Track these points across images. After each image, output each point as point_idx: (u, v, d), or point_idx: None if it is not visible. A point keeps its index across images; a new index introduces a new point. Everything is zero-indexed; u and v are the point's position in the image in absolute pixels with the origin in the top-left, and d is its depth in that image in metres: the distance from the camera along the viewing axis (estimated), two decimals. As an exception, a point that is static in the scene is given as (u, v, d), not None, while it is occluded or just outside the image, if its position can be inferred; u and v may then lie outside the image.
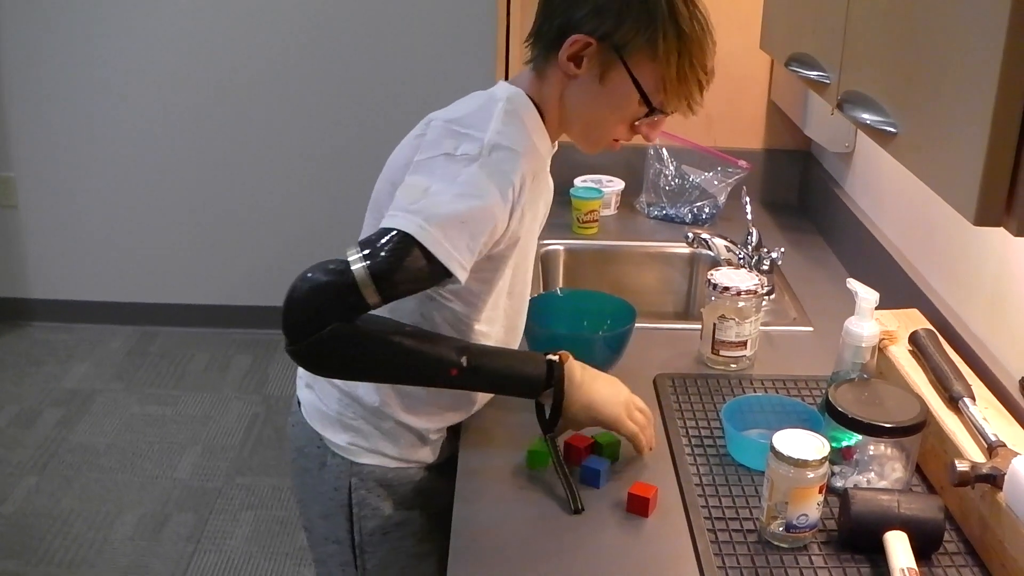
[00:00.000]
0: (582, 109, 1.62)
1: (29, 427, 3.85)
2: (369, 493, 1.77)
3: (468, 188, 1.50)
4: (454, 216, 1.48)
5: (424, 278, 1.50)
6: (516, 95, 1.62)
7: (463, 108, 1.62)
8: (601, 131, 1.65)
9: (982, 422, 1.56)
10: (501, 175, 1.52)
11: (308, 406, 1.81)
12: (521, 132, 1.58)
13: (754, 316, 2.00)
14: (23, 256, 4.58)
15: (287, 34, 4.20)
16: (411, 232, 1.46)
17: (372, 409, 1.72)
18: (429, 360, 1.57)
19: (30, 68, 4.29)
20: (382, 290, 1.46)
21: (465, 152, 1.53)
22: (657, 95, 1.58)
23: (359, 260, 1.46)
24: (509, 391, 1.67)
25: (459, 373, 1.57)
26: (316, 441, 1.78)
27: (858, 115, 1.44)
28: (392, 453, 1.76)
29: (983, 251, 1.87)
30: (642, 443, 1.68)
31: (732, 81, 2.93)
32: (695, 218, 2.81)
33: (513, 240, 1.61)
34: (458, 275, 1.49)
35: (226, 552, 3.23)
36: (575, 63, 1.57)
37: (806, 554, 1.50)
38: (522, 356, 1.68)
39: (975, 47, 1.10)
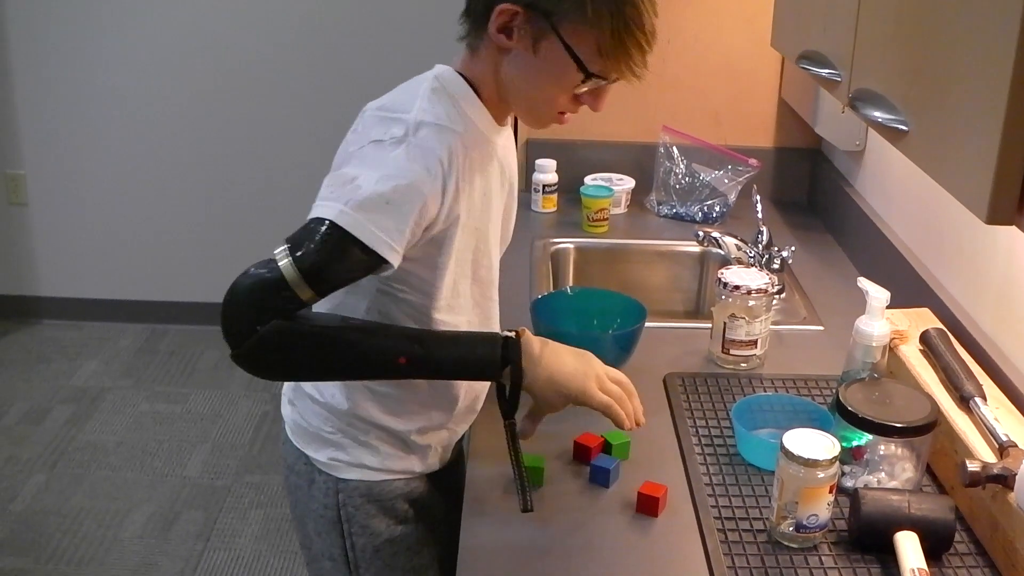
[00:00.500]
0: (520, 82, 1.55)
1: (38, 425, 3.86)
2: (357, 510, 1.72)
3: (392, 169, 1.45)
4: (377, 197, 1.42)
5: (355, 265, 1.44)
6: (443, 72, 1.57)
7: (392, 94, 1.58)
8: (543, 105, 1.57)
9: (993, 422, 1.55)
10: (427, 152, 1.47)
11: (291, 423, 1.77)
12: (449, 108, 1.53)
13: (764, 315, 2.00)
14: (33, 254, 4.58)
15: (295, 32, 4.20)
16: (333, 218, 1.41)
17: (346, 416, 1.67)
18: (375, 350, 1.50)
19: (40, 67, 4.29)
20: (313, 283, 1.42)
21: (392, 135, 1.48)
22: (594, 62, 1.49)
23: (285, 255, 1.42)
24: (468, 375, 1.59)
25: (409, 361, 1.50)
26: (303, 459, 1.74)
27: (869, 113, 1.44)
28: (375, 464, 1.70)
29: (994, 250, 1.86)
30: (619, 415, 1.57)
31: (742, 79, 2.92)
32: (705, 216, 2.80)
33: (452, 218, 1.53)
34: (389, 257, 1.44)
35: (235, 550, 3.23)
36: (506, 35, 1.50)
37: (816, 554, 1.49)
38: (476, 337, 1.59)
39: (987, 44, 1.09)
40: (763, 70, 2.92)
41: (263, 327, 1.43)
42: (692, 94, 2.94)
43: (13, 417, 3.91)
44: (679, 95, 2.94)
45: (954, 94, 1.18)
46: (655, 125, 2.92)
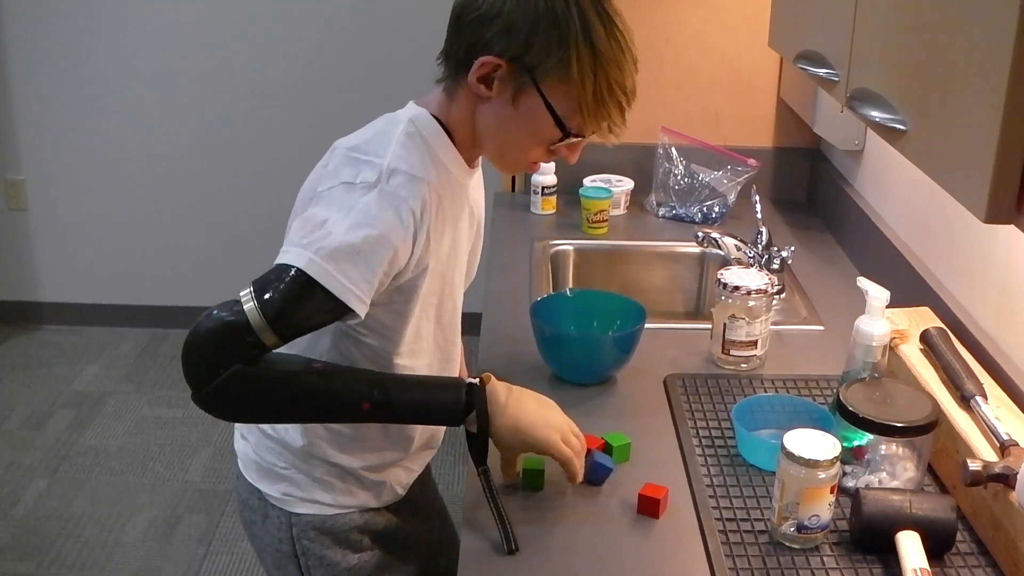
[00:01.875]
0: (495, 132, 1.54)
1: (40, 430, 3.86)
2: (312, 542, 1.70)
3: (363, 217, 1.42)
4: (347, 247, 1.40)
5: (321, 314, 1.43)
6: (419, 116, 1.55)
7: (365, 133, 1.56)
8: (517, 154, 1.56)
9: (994, 421, 1.55)
10: (398, 200, 1.44)
11: (243, 458, 1.76)
12: (423, 155, 1.51)
13: (764, 315, 1.99)
14: (33, 259, 4.59)
15: (297, 37, 4.20)
16: (302, 267, 1.39)
17: (300, 452, 1.66)
18: (338, 395, 1.48)
19: (39, 72, 4.30)
20: (278, 330, 1.40)
21: (364, 180, 1.45)
22: (573, 118, 1.48)
23: (250, 300, 1.40)
24: (431, 421, 1.58)
25: (372, 407, 1.48)
26: (256, 494, 1.73)
27: (867, 112, 1.43)
28: (327, 500, 1.69)
29: (994, 249, 1.86)
30: (576, 469, 1.57)
31: (741, 79, 2.92)
32: (705, 217, 2.80)
33: (421, 268, 1.51)
34: (355, 308, 1.42)
35: (238, 554, 3.23)
36: (486, 85, 1.48)
37: (818, 555, 1.49)
38: (440, 382, 1.56)
39: (985, 42, 1.09)
40: (762, 70, 2.92)
41: (225, 371, 1.41)
42: (691, 94, 2.94)
43: (14, 422, 3.91)
44: (678, 96, 2.94)
45: (952, 93, 1.18)
46: (654, 126, 2.92)
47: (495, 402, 1.53)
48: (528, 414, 1.55)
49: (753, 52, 2.88)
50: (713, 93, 2.94)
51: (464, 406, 1.51)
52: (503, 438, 1.55)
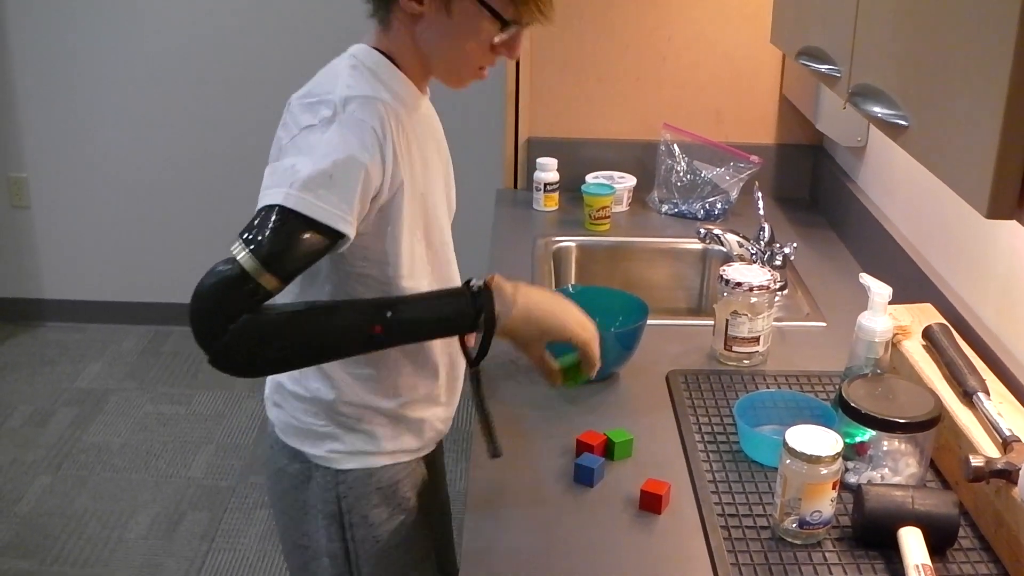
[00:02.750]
0: (438, 45, 1.58)
1: (43, 427, 3.86)
2: (358, 500, 1.72)
3: (329, 147, 1.46)
4: (319, 174, 1.43)
5: (313, 245, 1.44)
6: (360, 50, 1.60)
7: (314, 80, 1.61)
8: (463, 63, 1.60)
9: (996, 417, 1.55)
10: (359, 124, 1.49)
11: (281, 425, 1.76)
12: (371, 81, 1.55)
13: (767, 312, 1.99)
14: (36, 256, 4.59)
15: (300, 37, 4.20)
16: (281, 203, 1.42)
17: (334, 405, 1.68)
18: (348, 325, 1.50)
19: (42, 70, 4.30)
20: (276, 270, 1.42)
21: (323, 116, 1.50)
22: (507, 9, 1.53)
23: (242, 249, 1.41)
24: (444, 332, 1.60)
25: (383, 329, 1.50)
26: (299, 458, 1.74)
27: (869, 108, 1.44)
28: (372, 449, 1.71)
29: (997, 245, 1.86)
30: (595, 354, 1.62)
31: (743, 76, 2.92)
32: (707, 214, 2.80)
33: (397, 184, 1.54)
34: (343, 229, 1.44)
35: (240, 550, 3.23)
36: (416, 2, 1.53)
37: (820, 550, 1.49)
38: (446, 291, 1.61)
39: (986, 38, 1.09)
40: (764, 67, 2.92)
41: (234, 324, 1.42)
42: (693, 91, 2.94)
43: (17, 419, 3.91)
44: (680, 92, 2.94)
45: (954, 89, 1.18)
46: (656, 123, 2.92)
47: (503, 298, 1.55)
48: (538, 302, 1.59)
49: (755, 49, 2.88)
50: (715, 90, 2.94)
51: (473, 307, 1.54)
52: (518, 330, 1.57)
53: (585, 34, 2.88)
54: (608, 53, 2.90)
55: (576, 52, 2.91)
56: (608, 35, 2.88)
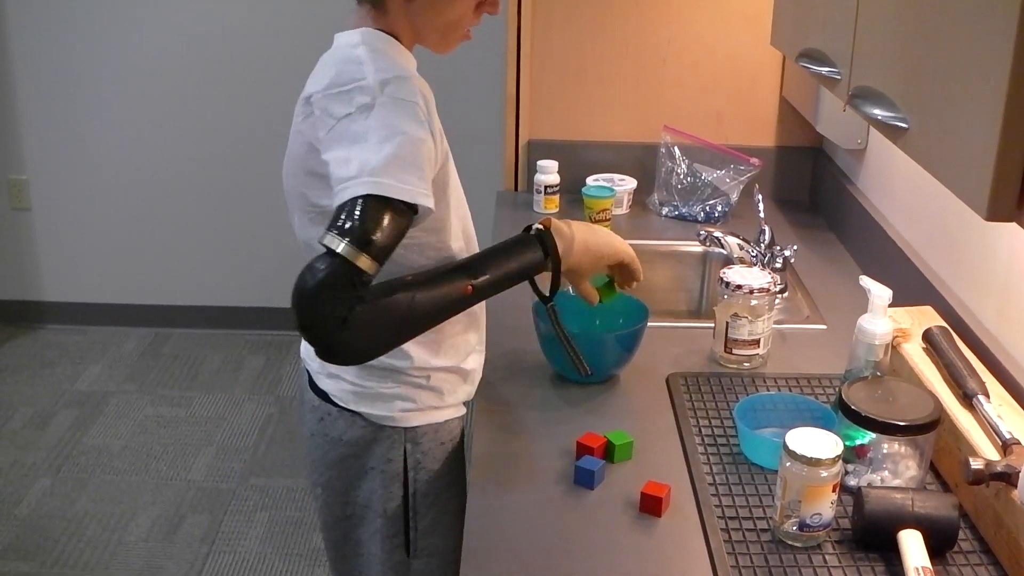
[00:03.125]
0: (434, 19, 1.65)
1: (43, 429, 3.86)
2: (425, 455, 1.80)
3: (384, 131, 1.50)
4: (391, 158, 1.47)
5: (400, 223, 1.48)
6: (366, 34, 1.64)
7: (329, 72, 1.61)
8: (454, 28, 1.68)
9: (996, 420, 1.55)
10: (403, 103, 1.53)
11: (340, 392, 1.79)
12: (393, 60, 1.60)
13: (767, 314, 2.00)
14: (36, 258, 4.59)
15: (300, 34, 4.20)
16: (367, 192, 1.45)
17: (405, 370, 1.75)
18: (446, 293, 1.57)
19: (42, 72, 4.30)
20: (372, 253, 1.44)
21: (360, 103, 1.52)
22: None
23: (338, 241, 1.43)
24: (522, 279, 1.69)
25: (474, 289, 1.59)
26: (357, 422, 1.78)
27: (869, 111, 1.44)
28: (437, 404, 1.79)
29: (997, 247, 1.86)
30: (639, 268, 1.81)
31: (743, 78, 2.92)
32: (707, 216, 2.80)
33: (444, 153, 1.63)
34: (428, 204, 1.50)
35: (240, 553, 3.23)
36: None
37: (820, 553, 1.49)
38: (514, 242, 1.69)
39: (986, 40, 1.09)
40: (764, 69, 2.92)
41: (349, 314, 1.44)
42: (693, 94, 2.94)
43: (18, 422, 3.91)
44: (680, 95, 2.94)
45: (953, 91, 1.18)
46: (656, 125, 2.92)
47: (563, 237, 1.70)
48: (590, 235, 1.75)
49: (755, 51, 2.88)
50: (715, 92, 2.94)
51: (543, 252, 1.68)
52: (578, 263, 1.72)
53: (585, 37, 2.88)
54: (608, 55, 2.90)
55: (577, 54, 2.91)
56: (608, 37, 2.88)
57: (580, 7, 2.86)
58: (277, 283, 4.44)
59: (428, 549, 1.86)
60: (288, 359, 4.35)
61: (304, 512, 3.42)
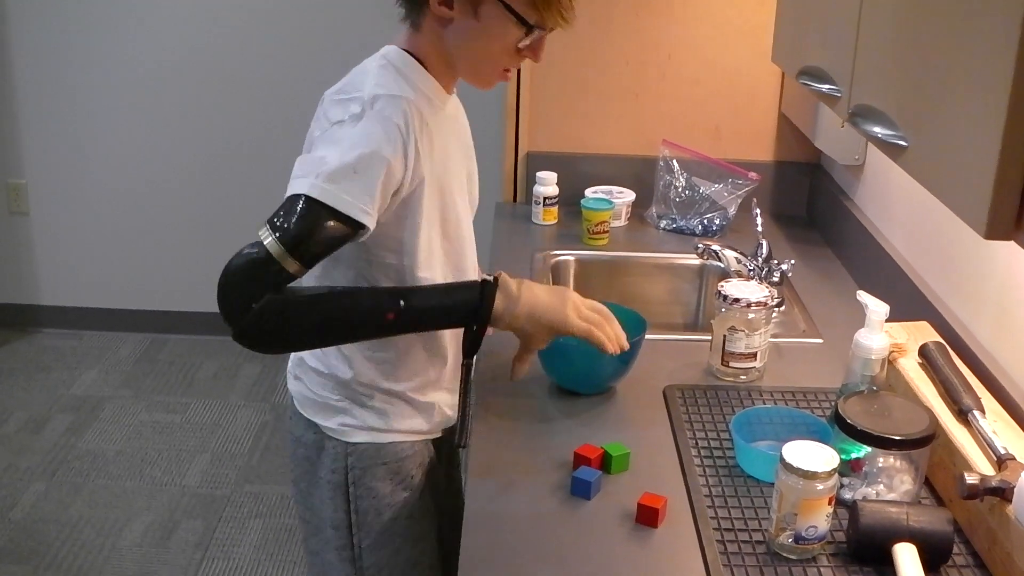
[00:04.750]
0: (466, 48, 1.67)
1: (38, 433, 3.86)
2: (364, 472, 1.80)
3: (354, 141, 1.55)
4: (344, 167, 1.52)
5: (334, 233, 1.53)
6: (389, 51, 1.69)
7: (347, 78, 1.69)
8: (488, 65, 1.69)
9: (991, 435, 1.56)
10: (385, 120, 1.57)
11: (298, 396, 1.87)
12: (398, 80, 1.64)
13: (764, 328, 2.01)
14: (34, 263, 4.59)
15: (299, 39, 4.21)
16: (307, 192, 1.51)
17: (350, 383, 1.77)
18: (364, 310, 1.60)
19: (41, 76, 4.31)
20: (298, 255, 1.51)
21: (352, 112, 1.58)
22: (531, 14, 1.62)
23: (268, 233, 1.51)
24: (452, 322, 1.68)
25: (396, 316, 1.60)
26: (312, 428, 1.83)
27: (869, 128, 1.45)
28: (382, 426, 1.80)
29: (993, 264, 1.87)
30: (600, 339, 1.71)
31: (742, 93, 2.94)
32: (705, 230, 2.82)
33: (418, 179, 1.63)
34: (363, 220, 1.53)
35: (234, 560, 3.23)
36: (447, 6, 1.62)
37: (815, 566, 1.50)
38: (457, 284, 1.71)
39: (985, 60, 1.11)
40: (763, 84, 2.93)
41: (257, 303, 1.51)
42: (692, 108, 2.96)
43: (13, 426, 3.91)
44: (679, 109, 2.95)
45: (953, 110, 1.19)
46: (655, 139, 2.94)
47: (508, 294, 1.66)
48: (539, 298, 1.69)
49: (754, 67, 2.89)
50: (714, 107, 2.96)
51: (480, 301, 1.64)
52: (521, 325, 1.68)
53: (586, 50, 2.90)
54: (608, 69, 2.91)
55: (576, 68, 2.92)
56: (609, 51, 2.89)
57: (581, 21, 2.85)
58: (274, 290, 4.45)
59: (375, 566, 1.87)
60: (284, 366, 4.34)
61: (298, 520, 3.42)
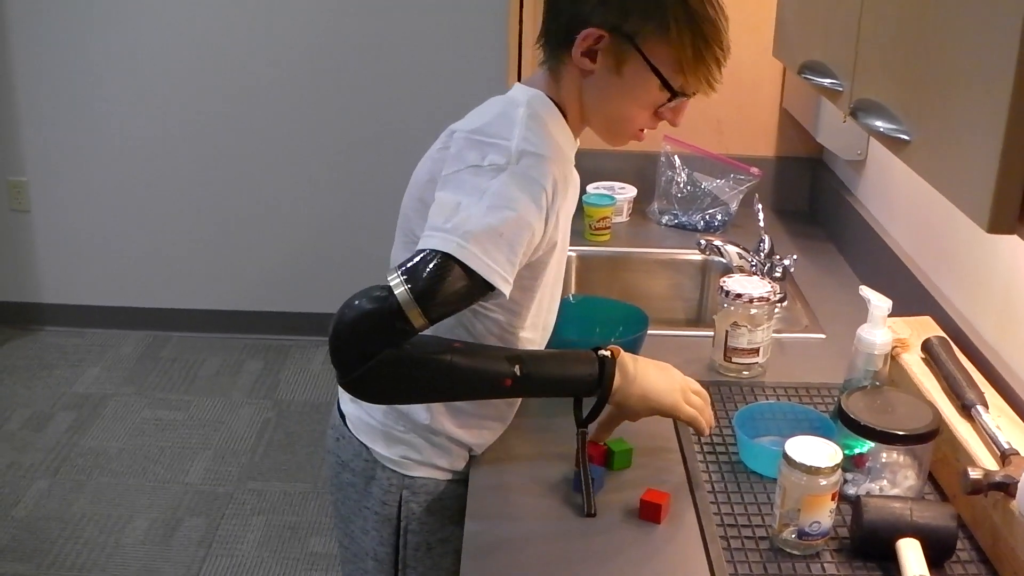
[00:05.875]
0: (603, 103, 1.60)
1: (41, 431, 3.86)
2: (419, 506, 1.74)
3: (499, 199, 1.47)
4: (490, 230, 1.45)
5: (468, 295, 1.47)
6: (536, 98, 1.60)
7: (484, 116, 1.59)
8: (625, 123, 1.63)
9: (995, 430, 1.56)
10: (532, 182, 1.49)
11: (354, 419, 1.77)
12: (546, 136, 1.55)
13: (766, 323, 2.00)
14: (35, 260, 4.59)
15: (300, 37, 4.21)
16: (449, 251, 1.43)
17: (423, 426, 1.70)
18: (482, 375, 1.53)
19: (43, 74, 4.31)
20: (428, 312, 1.43)
21: (493, 162, 1.50)
22: (676, 78, 1.56)
23: (401, 284, 1.42)
24: (564, 392, 1.64)
25: (513, 383, 1.54)
26: (364, 454, 1.75)
27: (871, 123, 1.44)
28: (444, 465, 1.73)
29: (995, 258, 1.87)
30: (702, 425, 1.68)
31: (744, 88, 2.93)
32: (707, 225, 2.81)
33: (551, 245, 1.59)
34: (502, 289, 1.46)
35: (237, 557, 3.23)
36: (589, 58, 1.55)
37: (818, 561, 1.50)
38: (573, 356, 1.63)
39: (988, 53, 1.10)
40: (765, 80, 2.93)
41: (375, 355, 1.44)
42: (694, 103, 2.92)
43: (15, 423, 3.91)
44: (681, 104, 2.94)
45: (955, 104, 1.19)
46: (657, 134, 2.92)
47: (624, 373, 1.62)
48: (655, 382, 1.65)
49: (756, 62, 2.88)
50: (716, 102, 2.90)
51: (599, 377, 1.60)
52: (632, 406, 1.65)
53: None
54: (610, 64, 2.91)
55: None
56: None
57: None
58: (276, 287, 4.45)
59: None
60: (286, 364, 4.35)
61: (301, 517, 3.42)
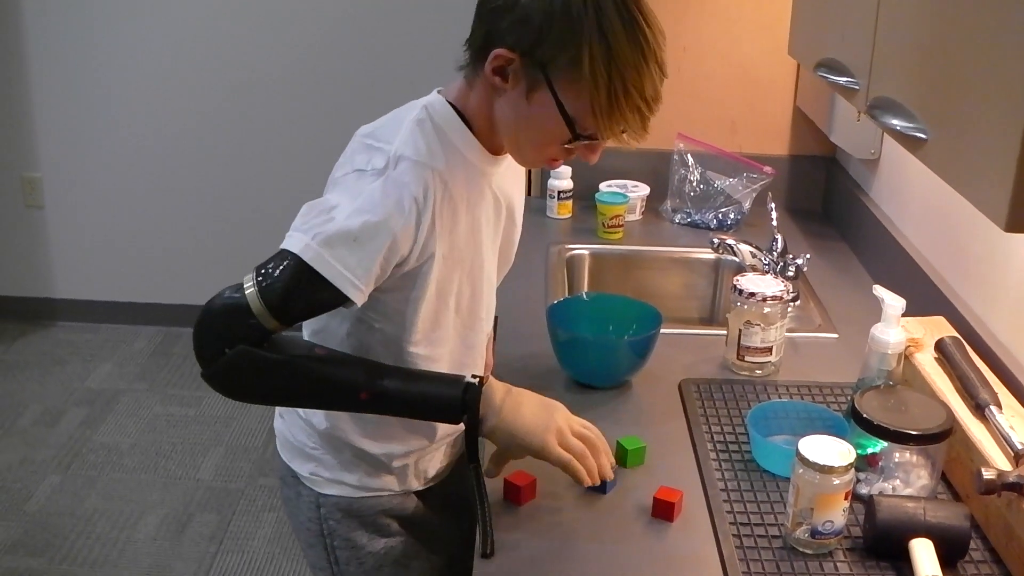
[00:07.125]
0: (511, 125, 1.49)
1: (53, 426, 3.88)
2: (338, 524, 1.71)
3: (365, 203, 1.42)
4: (344, 233, 1.40)
5: (319, 300, 1.44)
6: (433, 103, 1.54)
7: (383, 120, 1.55)
8: (532, 150, 1.52)
9: (1008, 430, 1.56)
10: (401, 187, 1.43)
11: (280, 436, 1.78)
12: (431, 141, 1.49)
13: (779, 322, 2.00)
14: (49, 256, 4.61)
15: (308, 35, 4.22)
16: (298, 252, 1.40)
17: (324, 435, 1.67)
18: (335, 384, 1.49)
19: (57, 70, 4.32)
20: (277, 315, 1.41)
21: (373, 167, 1.46)
22: (586, 119, 1.42)
23: (252, 285, 1.42)
24: (426, 415, 1.56)
25: (370, 397, 1.49)
26: (290, 472, 1.75)
27: (888, 121, 1.44)
28: (352, 482, 1.69)
29: (1010, 258, 1.86)
30: (578, 472, 1.55)
31: (757, 86, 2.93)
32: (720, 223, 2.81)
33: (427, 255, 1.49)
34: (351, 295, 1.42)
35: (248, 553, 3.24)
36: (501, 77, 1.44)
37: (831, 560, 1.49)
38: (439, 378, 1.54)
39: (1006, 50, 1.10)
40: (778, 78, 2.92)
41: (231, 351, 1.43)
42: (707, 102, 2.95)
43: (28, 419, 3.92)
44: (694, 103, 2.94)
45: (973, 102, 1.19)
46: (670, 132, 2.93)
47: (490, 403, 1.54)
48: (523, 418, 1.55)
49: (770, 60, 2.88)
50: (730, 101, 2.95)
51: (460, 403, 1.50)
52: (500, 440, 1.57)
53: (601, 43, 2.89)
54: (623, 62, 2.90)
55: (591, 61, 2.91)
56: (624, 44, 2.88)
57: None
58: (288, 284, 4.46)
59: None
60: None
61: (312, 513, 3.42)
